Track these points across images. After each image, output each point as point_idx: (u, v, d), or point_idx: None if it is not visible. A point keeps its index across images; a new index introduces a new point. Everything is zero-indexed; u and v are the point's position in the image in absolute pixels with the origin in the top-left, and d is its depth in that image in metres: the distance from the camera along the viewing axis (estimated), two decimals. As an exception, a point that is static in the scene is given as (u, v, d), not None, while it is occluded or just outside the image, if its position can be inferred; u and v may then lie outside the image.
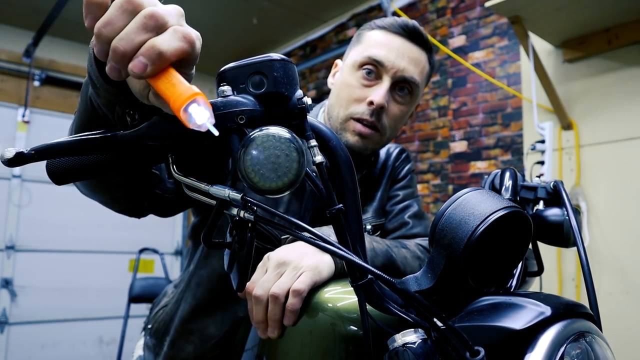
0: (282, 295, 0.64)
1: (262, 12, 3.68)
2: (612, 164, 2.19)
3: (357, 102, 0.96)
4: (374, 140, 0.98)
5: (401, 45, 0.97)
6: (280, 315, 0.65)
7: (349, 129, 0.97)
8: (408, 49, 0.97)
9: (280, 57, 0.48)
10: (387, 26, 0.98)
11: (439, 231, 0.50)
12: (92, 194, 0.71)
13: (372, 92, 0.95)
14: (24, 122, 3.88)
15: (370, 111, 0.95)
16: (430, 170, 3.07)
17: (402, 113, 1.00)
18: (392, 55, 0.95)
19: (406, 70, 0.96)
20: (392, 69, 0.95)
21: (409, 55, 0.97)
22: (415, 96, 1.01)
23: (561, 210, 0.73)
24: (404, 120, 1.03)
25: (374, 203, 1.07)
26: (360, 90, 0.96)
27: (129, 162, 0.50)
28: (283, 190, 0.43)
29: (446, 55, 2.98)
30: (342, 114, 0.98)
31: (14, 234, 3.74)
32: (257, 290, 0.66)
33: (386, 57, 0.95)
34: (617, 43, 2.15)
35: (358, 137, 0.96)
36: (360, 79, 0.97)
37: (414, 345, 0.47)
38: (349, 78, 0.98)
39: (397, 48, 0.96)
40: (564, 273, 2.29)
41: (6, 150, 0.42)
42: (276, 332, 0.66)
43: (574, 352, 0.45)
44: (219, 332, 0.92)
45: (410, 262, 0.90)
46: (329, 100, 1.04)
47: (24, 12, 3.67)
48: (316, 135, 0.51)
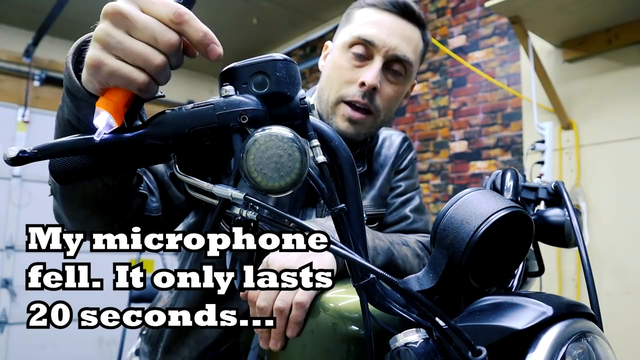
0: (287, 309, 0.64)
1: (262, 12, 3.68)
2: (612, 164, 2.20)
3: (348, 83, 0.93)
4: (367, 124, 0.95)
5: (392, 22, 0.93)
6: (284, 328, 0.64)
7: (338, 114, 0.93)
8: (400, 26, 0.93)
9: (283, 57, 0.48)
10: (377, 3, 0.94)
11: (441, 231, 0.50)
12: (84, 225, 0.68)
13: (363, 73, 0.91)
14: (24, 122, 3.88)
15: (362, 92, 0.91)
16: (430, 170, 3.07)
17: (396, 93, 0.96)
18: (383, 33, 0.91)
19: (398, 48, 0.92)
20: (383, 47, 0.91)
21: (401, 33, 0.93)
22: (409, 75, 0.97)
23: (562, 210, 0.73)
24: (399, 101, 1.00)
25: (373, 191, 1.04)
26: (351, 71, 0.93)
27: (132, 162, 0.50)
28: (286, 189, 0.43)
29: (446, 55, 2.98)
30: (332, 96, 0.94)
31: (14, 234, 3.74)
32: (260, 301, 0.65)
33: (377, 36, 0.91)
34: (617, 43, 2.15)
35: (348, 122, 0.93)
36: (350, 59, 0.93)
37: (416, 345, 0.47)
38: (339, 59, 0.95)
39: (388, 26, 0.92)
40: (564, 273, 2.30)
41: (9, 150, 0.42)
42: (279, 344, 0.65)
43: (576, 351, 0.45)
44: (215, 334, 0.91)
45: (411, 261, 0.90)
46: (320, 83, 1.00)
47: (24, 12, 3.67)
48: (318, 135, 0.51)
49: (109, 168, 0.49)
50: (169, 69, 0.46)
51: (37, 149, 0.43)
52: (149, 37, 0.44)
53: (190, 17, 0.44)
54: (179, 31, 0.45)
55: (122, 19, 0.44)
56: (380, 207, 1.05)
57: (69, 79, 0.49)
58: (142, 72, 0.44)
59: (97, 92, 0.46)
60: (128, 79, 0.44)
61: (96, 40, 0.44)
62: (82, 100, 0.49)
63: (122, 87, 0.45)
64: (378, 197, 1.04)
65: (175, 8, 0.44)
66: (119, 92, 0.45)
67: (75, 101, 0.50)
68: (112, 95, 0.45)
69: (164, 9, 0.44)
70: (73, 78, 0.49)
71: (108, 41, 0.44)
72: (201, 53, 0.47)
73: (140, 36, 0.44)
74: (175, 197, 0.81)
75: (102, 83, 0.45)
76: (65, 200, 0.65)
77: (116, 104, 0.45)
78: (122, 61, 0.44)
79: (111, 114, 0.44)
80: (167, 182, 0.80)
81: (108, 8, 0.44)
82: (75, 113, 0.51)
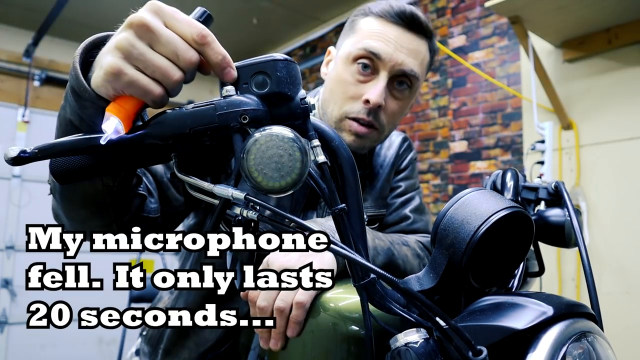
0: (288, 309, 0.64)
1: (262, 12, 3.68)
2: (612, 164, 2.20)
3: (352, 99, 0.90)
4: (372, 139, 0.93)
5: (399, 35, 0.89)
6: (284, 328, 0.65)
7: (345, 129, 0.91)
8: (407, 40, 0.90)
9: (284, 57, 0.48)
10: (383, 14, 0.90)
11: (441, 231, 0.50)
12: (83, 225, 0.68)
13: (368, 89, 0.89)
14: (24, 122, 3.88)
15: (366, 110, 0.89)
16: (430, 170, 3.07)
17: (400, 109, 0.95)
18: (390, 47, 0.88)
19: (405, 63, 0.89)
20: (389, 62, 0.88)
21: (408, 47, 0.89)
22: (415, 90, 0.95)
23: (562, 210, 0.73)
24: (404, 114, 0.98)
25: (373, 192, 1.03)
26: (355, 86, 0.90)
27: (132, 162, 0.50)
28: (286, 189, 0.43)
29: (446, 55, 2.98)
30: (336, 112, 0.92)
31: (14, 234, 3.74)
32: (261, 301, 0.65)
33: (383, 50, 0.88)
34: (617, 43, 2.15)
35: (355, 136, 0.91)
36: (355, 73, 0.90)
37: (416, 345, 0.47)
38: (343, 72, 0.92)
39: (394, 39, 0.88)
40: (564, 273, 2.30)
41: (10, 149, 0.42)
42: (279, 344, 0.66)
43: (576, 351, 0.45)
44: (214, 336, 0.91)
45: (411, 261, 0.90)
46: (323, 94, 0.98)
47: (24, 12, 3.67)
48: (319, 135, 0.51)
49: (110, 168, 0.49)
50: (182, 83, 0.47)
51: (37, 148, 0.43)
52: (171, 53, 0.45)
53: (212, 40, 0.47)
54: (200, 51, 0.47)
55: (146, 32, 0.45)
56: (380, 208, 1.05)
57: (75, 79, 0.50)
58: (159, 86, 0.46)
59: (109, 97, 0.47)
60: (145, 90, 0.45)
61: (118, 48, 0.45)
62: (87, 101, 0.49)
63: (137, 97, 0.46)
64: (378, 198, 1.04)
65: (200, 29, 0.46)
66: (132, 100, 0.46)
67: (80, 101, 0.50)
68: (125, 102, 0.46)
69: (188, 28, 0.46)
70: (80, 79, 0.49)
71: (130, 51, 0.45)
72: (216, 74, 0.48)
73: (163, 51, 0.45)
74: (174, 198, 0.81)
75: (117, 90, 0.46)
76: (65, 200, 0.65)
77: (127, 111, 0.46)
78: (141, 72, 0.45)
79: (121, 121, 0.45)
80: (167, 184, 0.79)
81: (134, 19, 0.45)
82: (79, 113, 0.52)
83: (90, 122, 0.51)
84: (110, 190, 0.62)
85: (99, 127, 0.46)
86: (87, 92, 0.48)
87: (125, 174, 0.63)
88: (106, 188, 0.61)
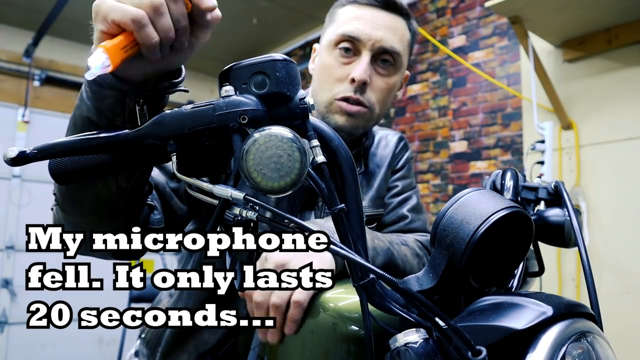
0: (284, 305, 0.64)
1: (262, 12, 3.68)
2: (612, 164, 2.20)
3: (339, 81, 0.93)
4: (364, 117, 0.95)
5: (375, 15, 0.93)
6: (281, 323, 0.65)
7: (335, 111, 0.93)
8: (382, 18, 0.93)
9: (283, 57, 0.48)
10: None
11: (441, 231, 0.50)
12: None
13: (352, 69, 0.92)
14: (24, 122, 3.88)
15: (353, 88, 0.91)
16: (430, 170, 3.07)
17: (387, 85, 0.96)
18: (367, 27, 0.92)
19: (384, 40, 0.92)
20: (369, 41, 0.91)
21: (385, 25, 0.93)
22: (399, 66, 0.97)
23: (562, 210, 0.73)
24: (392, 94, 1.00)
25: (370, 192, 1.04)
26: (340, 69, 0.93)
27: (132, 162, 0.50)
28: (285, 189, 0.43)
29: (446, 55, 2.98)
30: (325, 96, 0.94)
31: (14, 234, 3.74)
32: (257, 296, 0.66)
33: (361, 31, 0.91)
34: (617, 43, 2.15)
35: (346, 116, 0.93)
36: (338, 57, 0.94)
37: (416, 345, 0.47)
38: (327, 59, 0.95)
39: (371, 19, 0.92)
40: (564, 273, 2.30)
41: (9, 150, 0.42)
42: (276, 337, 0.66)
43: (576, 351, 0.45)
44: (214, 338, 0.91)
45: (410, 260, 0.89)
46: (312, 86, 1.00)
47: (24, 12, 3.67)
48: (318, 135, 0.51)
49: (109, 168, 0.49)
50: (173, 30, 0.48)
51: (37, 149, 0.43)
52: None
53: None
54: None
55: None
56: (378, 208, 1.05)
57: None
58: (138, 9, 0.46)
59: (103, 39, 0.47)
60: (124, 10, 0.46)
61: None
62: (108, 89, 0.50)
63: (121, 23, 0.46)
64: (376, 198, 1.04)
65: None
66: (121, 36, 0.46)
67: (101, 91, 0.51)
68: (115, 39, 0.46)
69: None
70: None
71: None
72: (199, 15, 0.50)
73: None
74: (177, 208, 0.80)
75: (104, 22, 0.47)
76: (74, 206, 0.63)
77: (115, 45, 0.45)
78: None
79: (108, 53, 0.44)
80: (169, 194, 0.79)
81: None
82: (97, 106, 0.52)
83: (111, 113, 0.51)
84: (124, 193, 0.61)
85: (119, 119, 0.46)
86: (108, 77, 0.50)
87: (139, 177, 0.62)
88: (120, 190, 0.61)
